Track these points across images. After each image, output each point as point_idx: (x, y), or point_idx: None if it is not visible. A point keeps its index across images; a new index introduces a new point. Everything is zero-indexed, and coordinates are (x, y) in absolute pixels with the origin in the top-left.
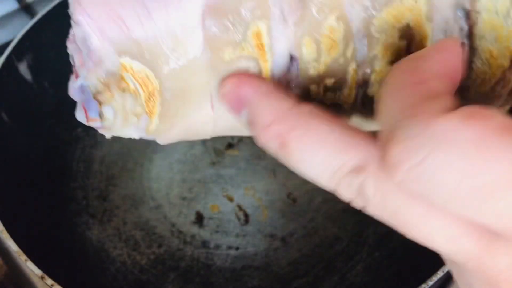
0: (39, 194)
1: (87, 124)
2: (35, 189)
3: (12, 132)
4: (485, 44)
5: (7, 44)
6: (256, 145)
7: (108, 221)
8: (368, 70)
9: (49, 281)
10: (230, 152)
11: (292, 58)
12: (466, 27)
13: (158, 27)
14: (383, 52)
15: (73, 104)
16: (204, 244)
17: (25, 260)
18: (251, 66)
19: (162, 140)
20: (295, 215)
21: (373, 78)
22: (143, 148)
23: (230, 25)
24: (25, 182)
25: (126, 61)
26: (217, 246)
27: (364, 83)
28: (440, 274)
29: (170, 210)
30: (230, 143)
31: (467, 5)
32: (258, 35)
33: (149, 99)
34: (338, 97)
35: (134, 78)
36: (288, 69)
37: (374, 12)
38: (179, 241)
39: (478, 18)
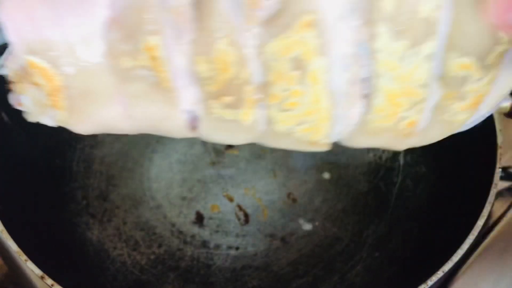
0: (39, 194)
1: (15, 107)
2: (35, 189)
3: (12, 132)
4: (383, 82)
5: (7, 45)
6: (256, 145)
7: (108, 221)
8: (265, 96)
9: (49, 281)
10: (230, 152)
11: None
12: (366, 65)
13: (66, 31)
14: (277, 80)
15: None
16: (204, 244)
17: (25, 260)
18: (149, 75)
19: (78, 130)
20: (295, 215)
21: (270, 102)
22: (143, 148)
23: (127, 37)
24: (25, 182)
25: (34, 59)
26: (217, 246)
27: (265, 107)
28: (440, 274)
29: (170, 210)
30: None
31: (367, 44)
32: (151, 48)
33: (53, 94)
34: (236, 114)
35: (40, 74)
36: (190, 83)
37: (264, 42)
38: (179, 241)
39: (376, 57)
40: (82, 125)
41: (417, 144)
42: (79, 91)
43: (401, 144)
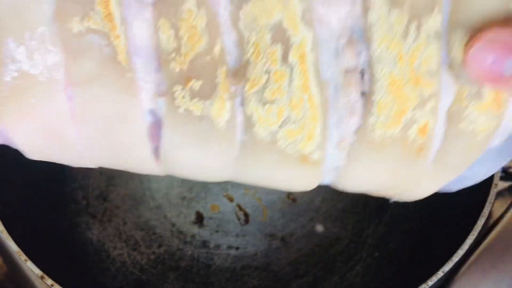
0: (39, 194)
1: None
2: (35, 189)
3: None
4: (384, 68)
5: None
6: None
7: (108, 221)
8: (242, 81)
9: (49, 281)
10: None
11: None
12: (363, 49)
13: None
14: (256, 58)
15: None
16: (204, 244)
17: (25, 260)
18: (102, 43)
19: (16, 139)
20: (295, 215)
21: (247, 91)
22: None
23: None
24: (25, 182)
25: None
26: (217, 246)
27: (242, 100)
28: (440, 274)
29: (170, 210)
30: None
31: (361, 21)
32: (105, 3)
33: None
34: (207, 108)
35: None
36: (150, 59)
37: (239, 3)
38: (179, 241)
39: (372, 34)
40: (22, 125)
41: (435, 179)
42: (17, 74)
43: (414, 175)
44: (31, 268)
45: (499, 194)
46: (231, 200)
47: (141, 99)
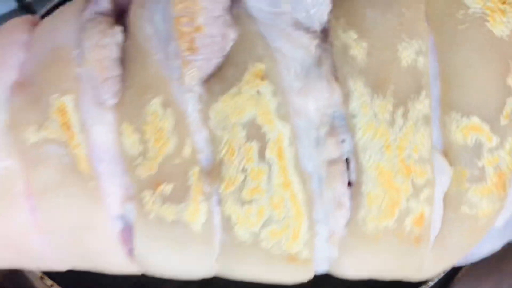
0: None
1: None
2: None
3: None
4: (371, 158)
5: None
6: None
7: None
8: (217, 181)
9: (49, 282)
10: None
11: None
12: (346, 137)
13: None
14: (231, 156)
15: None
16: None
17: None
18: (60, 153)
19: None
20: None
21: (224, 190)
22: None
23: (34, 100)
24: None
25: None
26: None
27: (218, 199)
28: (441, 274)
29: None
30: None
31: (339, 107)
32: (62, 112)
33: None
34: (181, 212)
35: None
36: (115, 165)
37: (208, 101)
38: None
39: (356, 123)
40: None
41: (438, 263)
42: None
43: (414, 263)
44: (31, 269)
45: None
46: None
47: (108, 205)
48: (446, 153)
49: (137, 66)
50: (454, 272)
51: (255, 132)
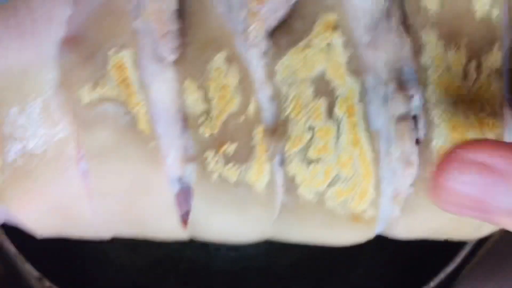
0: None
1: None
2: None
3: None
4: (443, 113)
5: None
6: None
7: None
8: (281, 140)
9: (47, 283)
10: None
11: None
12: (415, 92)
13: (7, 62)
14: (297, 114)
15: None
16: (204, 245)
17: (23, 262)
18: (118, 112)
19: (23, 221)
20: None
21: (289, 150)
22: None
23: (88, 54)
24: None
25: None
26: (217, 248)
27: (281, 160)
28: (443, 275)
29: None
30: None
31: (409, 61)
32: (120, 68)
33: None
34: (244, 173)
35: None
36: (176, 125)
37: (274, 56)
38: (178, 243)
39: (427, 77)
40: (26, 210)
41: None
42: (21, 154)
43: (474, 222)
44: (29, 270)
45: None
46: None
47: (166, 167)
48: None
49: (199, 19)
50: (456, 274)
51: (324, 88)
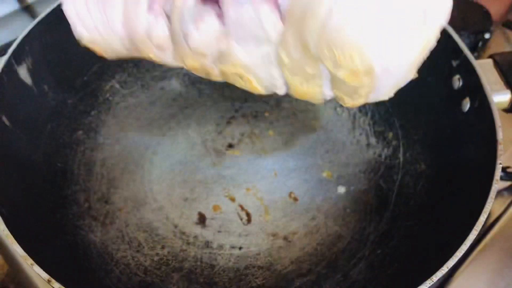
0: (41, 198)
1: None
2: (37, 193)
3: (13, 136)
4: None
5: (8, 45)
6: (256, 145)
7: (110, 223)
8: None
9: (56, 285)
10: (231, 152)
11: None
12: None
13: None
14: None
15: (72, 107)
16: (207, 244)
17: (31, 264)
18: None
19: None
20: (296, 214)
21: None
22: (144, 150)
23: None
24: (27, 186)
25: None
26: (220, 246)
27: None
28: (444, 270)
29: (172, 211)
30: (231, 143)
31: None
32: None
33: None
34: None
35: None
36: None
37: None
38: (182, 242)
39: None
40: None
41: None
42: None
43: None
44: (37, 272)
45: (499, 193)
46: (232, 200)
47: None
48: None
49: None
50: (452, 271)
51: None
